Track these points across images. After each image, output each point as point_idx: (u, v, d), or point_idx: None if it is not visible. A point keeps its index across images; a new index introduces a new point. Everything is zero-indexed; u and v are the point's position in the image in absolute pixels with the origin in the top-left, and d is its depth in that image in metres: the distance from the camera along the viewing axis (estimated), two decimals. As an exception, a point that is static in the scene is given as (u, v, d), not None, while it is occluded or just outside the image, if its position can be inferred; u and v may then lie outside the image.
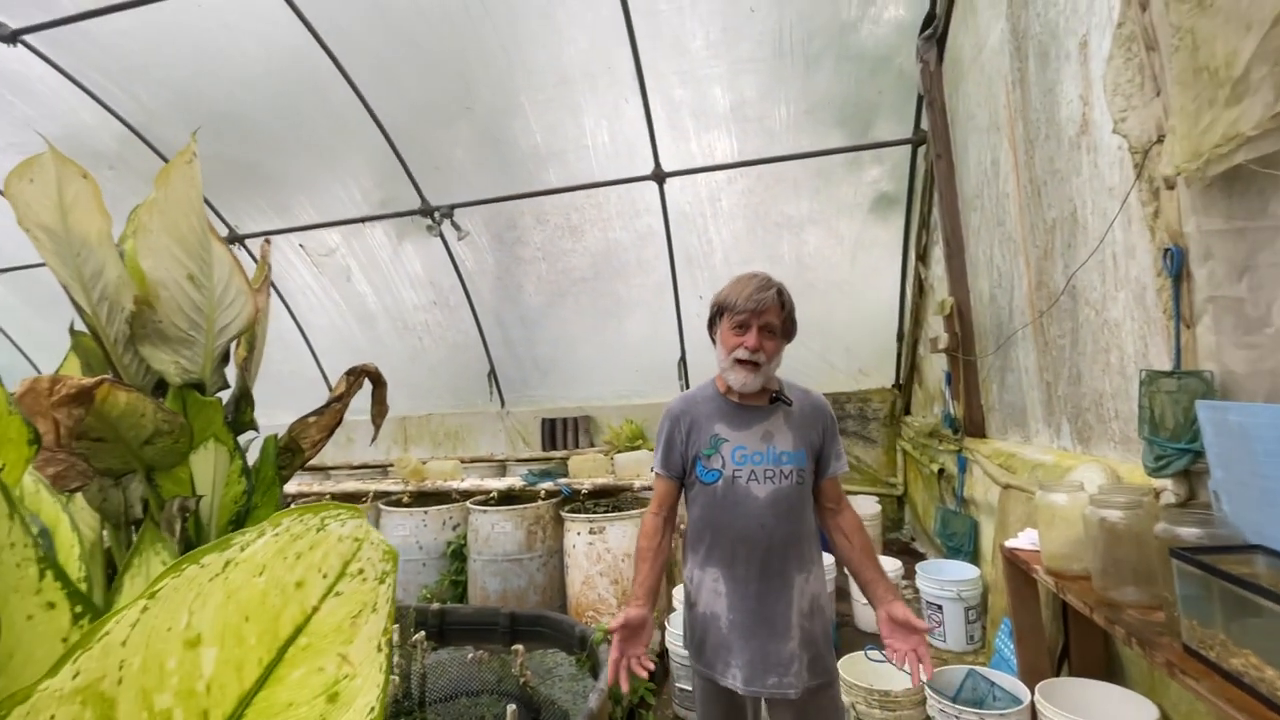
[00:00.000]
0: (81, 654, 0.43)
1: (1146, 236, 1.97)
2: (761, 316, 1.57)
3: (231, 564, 0.48)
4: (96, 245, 1.33)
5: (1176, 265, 1.69)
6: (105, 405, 1.22)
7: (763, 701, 1.66)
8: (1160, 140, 1.76)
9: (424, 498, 4.63)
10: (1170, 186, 1.72)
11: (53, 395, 1.14)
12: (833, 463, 1.70)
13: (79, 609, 0.59)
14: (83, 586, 0.77)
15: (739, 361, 1.57)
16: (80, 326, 1.48)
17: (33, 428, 0.64)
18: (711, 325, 1.70)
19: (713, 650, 1.59)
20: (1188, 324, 1.70)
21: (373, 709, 0.46)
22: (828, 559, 3.11)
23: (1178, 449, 1.64)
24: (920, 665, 1.48)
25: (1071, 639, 2.26)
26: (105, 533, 1.42)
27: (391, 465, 5.82)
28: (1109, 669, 2.19)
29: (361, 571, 0.50)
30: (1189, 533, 1.36)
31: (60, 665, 0.42)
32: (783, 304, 1.61)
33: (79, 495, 1.33)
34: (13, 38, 4.52)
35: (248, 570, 0.48)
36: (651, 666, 1.54)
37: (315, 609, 0.48)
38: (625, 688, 1.54)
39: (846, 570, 1.75)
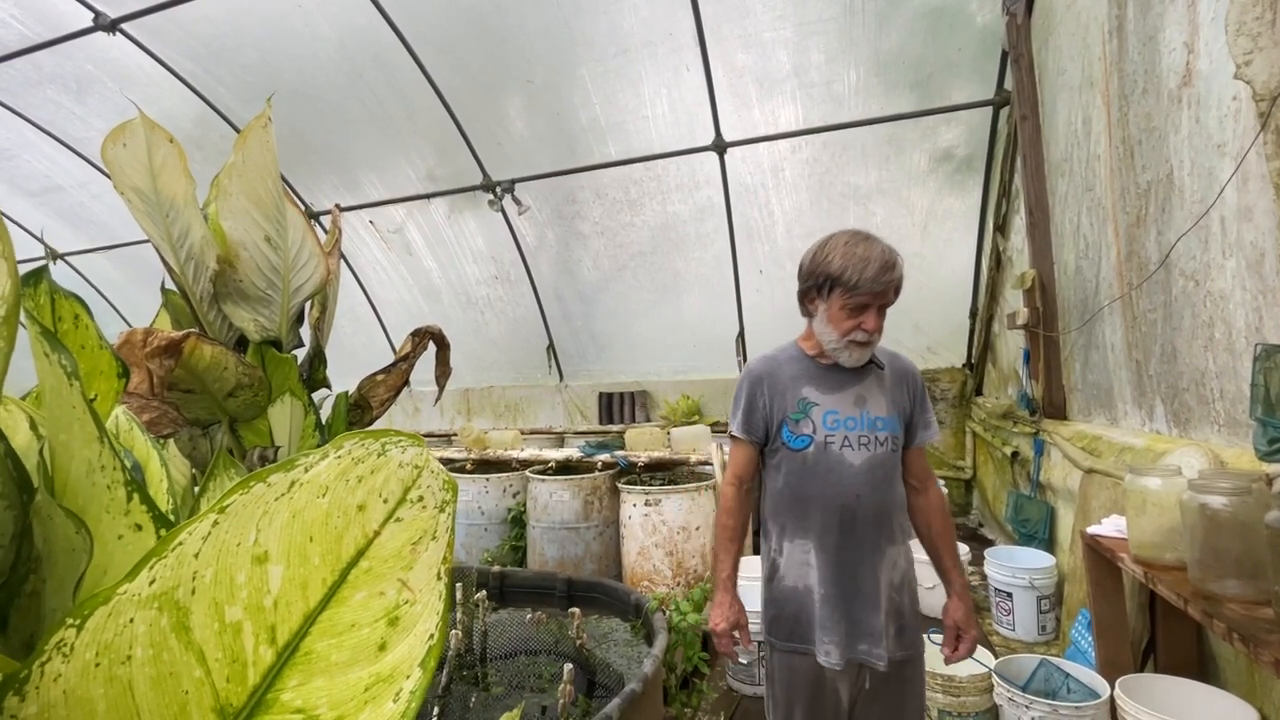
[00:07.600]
0: (157, 561, 0.45)
1: (1268, 195, 1.77)
2: (883, 297, 1.45)
3: (296, 484, 0.49)
4: (183, 206, 1.40)
5: (1306, 224, 1.50)
6: (192, 357, 1.30)
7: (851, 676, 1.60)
8: (1293, 83, 1.57)
9: (486, 465, 4.76)
10: (1303, 135, 1.53)
11: (146, 346, 1.21)
12: (920, 431, 1.63)
13: (164, 532, 0.63)
14: (171, 519, 0.82)
15: (855, 343, 1.47)
16: (170, 285, 1.57)
17: (121, 362, 0.69)
18: (810, 294, 1.52)
19: (806, 626, 1.52)
20: (1316, 290, 1.52)
21: (432, 636, 0.47)
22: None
23: (1297, 430, 1.47)
24: (957, 650, 1.58)
25: (1159, 633, 2.12)
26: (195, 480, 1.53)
27: (456, 434, 6.02)
28: (1201, 667, 2.03)
29: (421, 499, 0.51)
30: (1308, 522, 1.22)
31: (138, 570, 0.44)
32: (900, 277, 1.48)
33: (171, 443, 1.42)
34: (113, 26, 4.83)
35: (311, 491, 0.49)
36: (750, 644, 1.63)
37: (376, 533, 0.49)
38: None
39: (924, 549, 1.68)
